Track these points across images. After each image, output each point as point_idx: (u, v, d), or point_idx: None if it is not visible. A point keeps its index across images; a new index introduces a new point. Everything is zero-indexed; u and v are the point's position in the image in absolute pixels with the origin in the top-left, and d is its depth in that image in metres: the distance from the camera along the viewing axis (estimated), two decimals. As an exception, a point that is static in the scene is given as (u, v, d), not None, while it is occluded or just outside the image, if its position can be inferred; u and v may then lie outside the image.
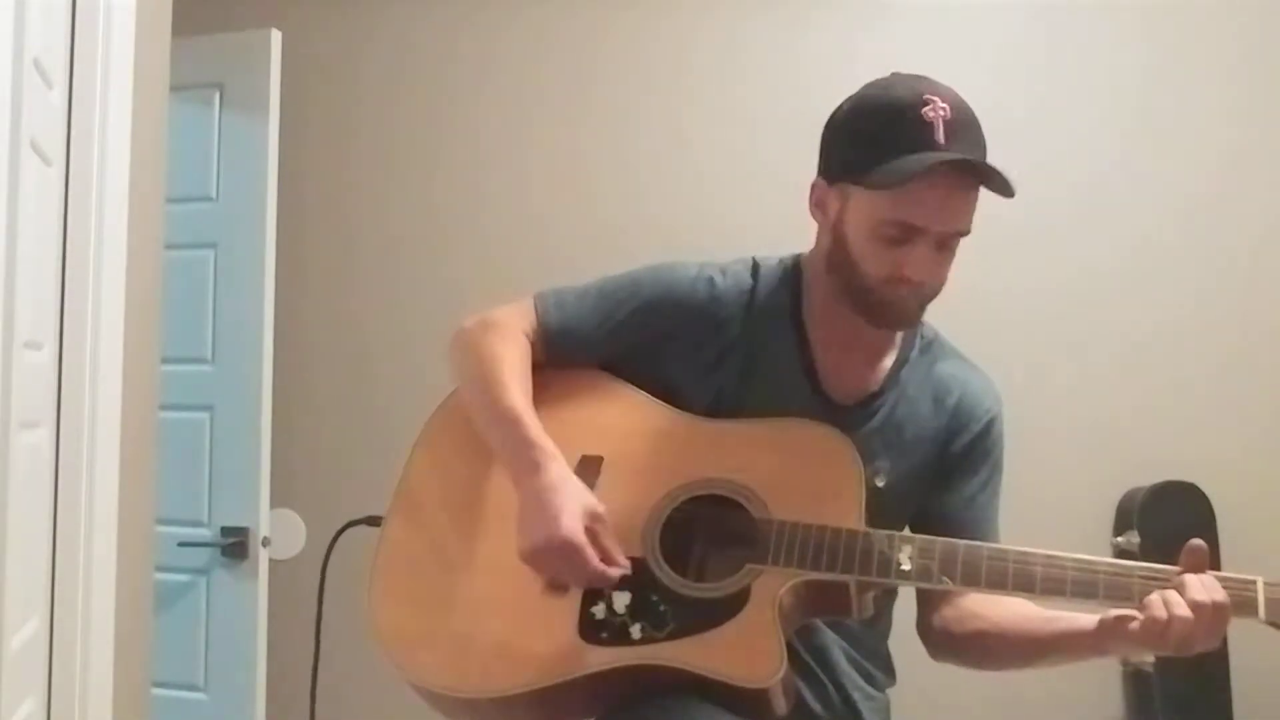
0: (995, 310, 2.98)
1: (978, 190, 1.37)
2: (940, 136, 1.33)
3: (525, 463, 1.39)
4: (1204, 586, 1.25)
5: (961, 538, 1.42)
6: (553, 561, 1.34)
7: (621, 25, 3.25)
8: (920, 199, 1.34)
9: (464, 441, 1.52)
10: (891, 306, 1.42)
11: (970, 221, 1.39)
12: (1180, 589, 1.25)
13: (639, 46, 3.25)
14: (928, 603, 1.50)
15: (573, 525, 1.33)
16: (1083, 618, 1.35)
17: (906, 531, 1.51)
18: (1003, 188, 1.33)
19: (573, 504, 1.34)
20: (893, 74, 1.42)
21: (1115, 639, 1.29)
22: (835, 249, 1.43)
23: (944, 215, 1.35)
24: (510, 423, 1.43)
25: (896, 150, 1.33)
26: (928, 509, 1.51)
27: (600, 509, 1.36)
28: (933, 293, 1.43)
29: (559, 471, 1.38)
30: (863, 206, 1.38)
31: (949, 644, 1.50)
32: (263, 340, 2.92)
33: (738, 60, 3.20)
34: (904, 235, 1.36)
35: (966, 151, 1.33)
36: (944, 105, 1.34)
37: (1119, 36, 3.11)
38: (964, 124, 1.35)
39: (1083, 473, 2.99)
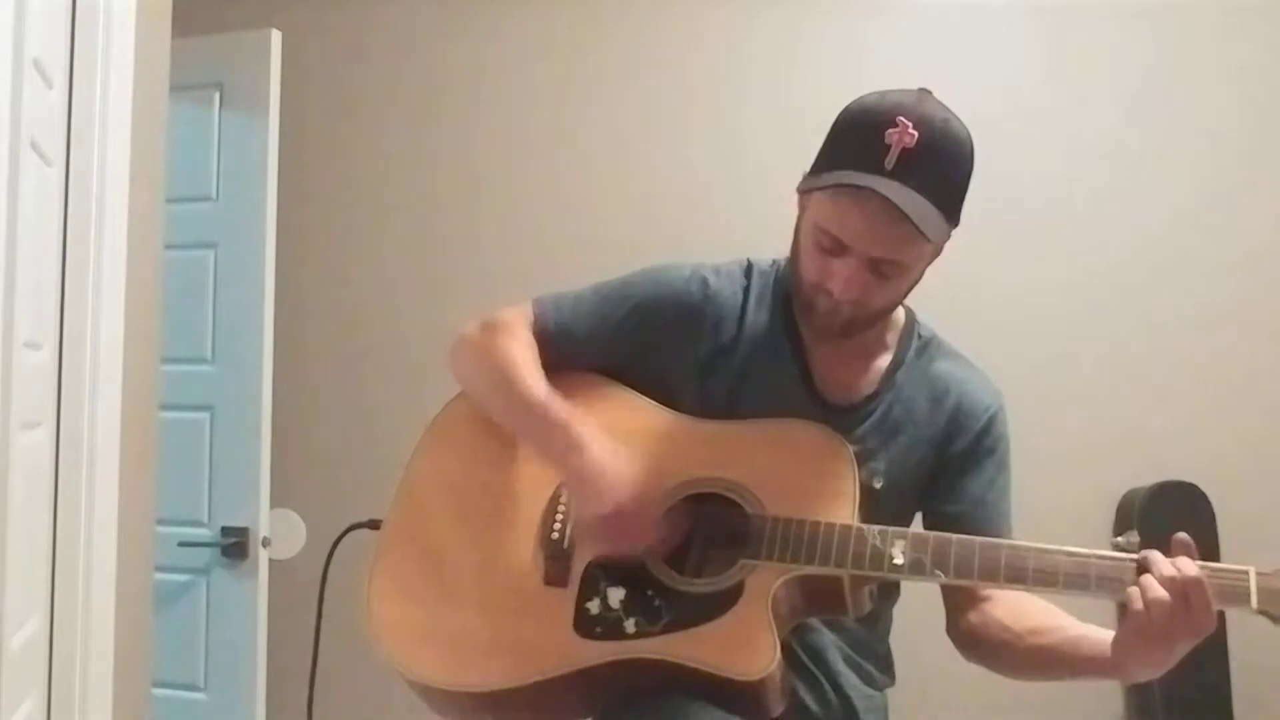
0: (994, 311, 2.98)
1: (919, 233, 1.31)
2: (889, 162, 1.31)
3: (567, 442, 1.41)
4: (1172, 563, 1.23)
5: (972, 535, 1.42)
6: (618, 528, 1.37)
7: (646, 27, 3.26)
8: (848, 217, 1.34)
9: (466, 444, 1.54)
10: (815, 312, 1.44)
11: (904, 254, 1.36)
12: (1147, 566, 1.24)
13: (677, 49, 3.24)
14: (955, 606, 1.49)
15: (635, 492, 1.36)
16: (1103, 641, 1.33)
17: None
18: (924, 232, 1.31)
19: (629, 472, 1.38)
20: (918, 89, 1.38)
21: (1126, 654, 1.28)
22: (793, 244, 1.47)
23: (868, 239, 1.35)
24: (539, 409, 1.45)
25: (846, 163, 1.34)
26: (938, 511, 1.51)
27: (644, 478, 1.39)
28: (866, 313, 1.43)
29: (605, 444, 1.40)
30: (813, 209, 1.40)
31: (975, 648, 1.49)
32: (263, 340, 2.91)
33: (741, 64, 3.20)
34: (835, 247, 1.37)
35: (912, 184, 1.30)
36: (913, 131, 1.31)
37: (1129, 46, 3.12)
38: (925, 155, 1.31)
39: (1083, 473, 2.99)
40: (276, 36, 2.96)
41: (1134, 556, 1.27)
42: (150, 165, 2.21)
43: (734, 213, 3.07)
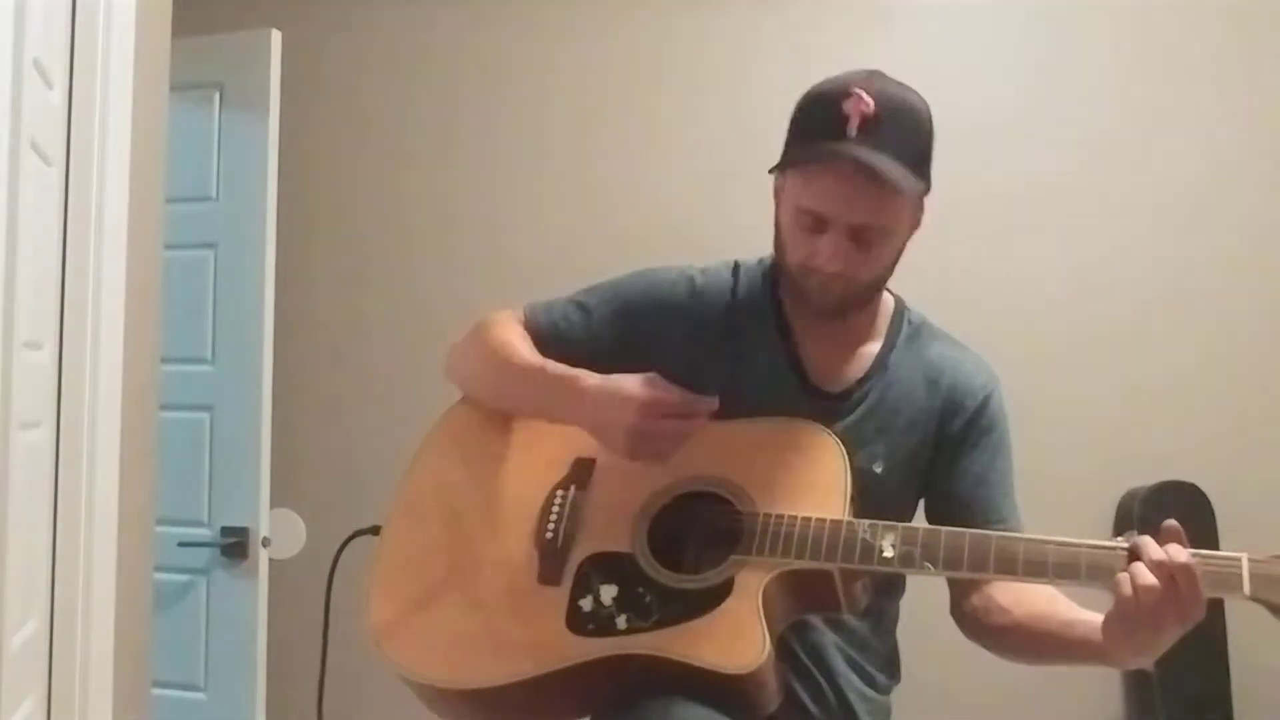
0: (994, 310, 2.98)
1: (893, 188, 1.35)
2: (851, 130, 1.34)
3: (565, 393, 1.45)
4: (1162, 549, 1.23)
5: (978, 518, 1.44)
6: (651, 430, 1.38)
7: (634, 25, 3.26)
8: (823, 188, 1.38)
9: (465, 449, 1.55)
10: (807, 293, 1.46)
11: (883, 217, 1.39)
12: (1137, 552, 1.24)
13: (652, 48, 3.25)
14: (959, 588, 1.50)
15: (641, 391, 1.39)
16: (1096, 626, 1.32)
17: (919, 516, 1.52)
18: (893, 188, 1.34)
19: (628, 383, 1.40)
20: (868, 70, 1.42)
21: (1114, 640, 1.28)
22: (775, 235, 1.49)
23: (846, 207, 1.37)
24: (534, 372, 1.48)
25: (810, 138, 1.38)
26: (941, 493, 1.52)
27: (649, 375, 1.42)
28: (857, 287, 1.45)
29: (597, 379, 1.43)
30: (789, 193, 1.43)
31: (977, 630, 1.49)
32: (263, 340, 2.92)
33: (753, 64, 3.20)
34: (816, 224, 1.40)
35: (877, 147, 1.34)
36: (868, 100, 1.34)
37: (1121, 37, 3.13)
38: (885, 120, 1.35)
39: (1083, 473, 3.00)
40: (276, 36, 2.96)
41: (1125, 545, 1.27)
42: (150, 165, 2.21)
43: (757, 217, 3.07)
